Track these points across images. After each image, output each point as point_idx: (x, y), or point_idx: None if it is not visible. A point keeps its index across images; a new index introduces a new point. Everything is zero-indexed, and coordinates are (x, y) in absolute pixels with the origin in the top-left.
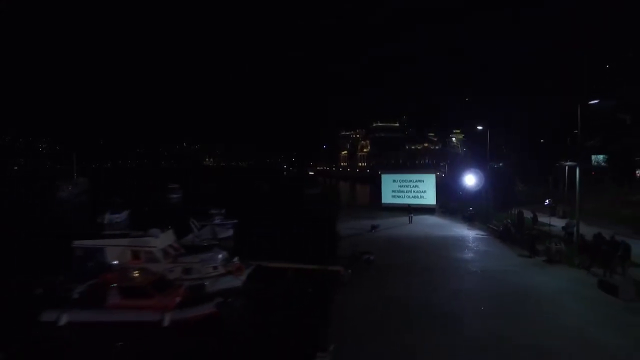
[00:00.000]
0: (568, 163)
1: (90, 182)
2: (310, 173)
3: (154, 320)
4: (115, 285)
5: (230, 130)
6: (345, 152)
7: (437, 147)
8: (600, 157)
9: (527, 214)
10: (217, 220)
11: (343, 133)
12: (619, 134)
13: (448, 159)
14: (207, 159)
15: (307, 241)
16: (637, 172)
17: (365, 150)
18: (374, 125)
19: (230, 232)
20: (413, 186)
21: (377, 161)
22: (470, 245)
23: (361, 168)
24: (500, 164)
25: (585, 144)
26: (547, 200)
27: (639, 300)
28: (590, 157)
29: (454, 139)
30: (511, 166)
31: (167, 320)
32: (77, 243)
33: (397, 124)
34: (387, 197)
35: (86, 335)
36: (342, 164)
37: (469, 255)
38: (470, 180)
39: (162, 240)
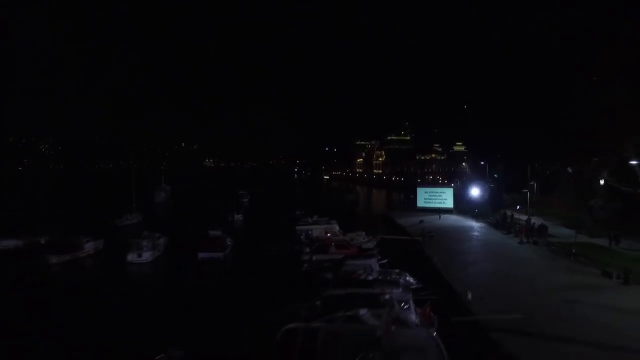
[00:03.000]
0: (525, 190)
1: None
2: (325, 177)
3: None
4: (333, 242)
5: (231, 130)
6: (361, 159)
7: (442, 157)
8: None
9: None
10: (315, 217)
11: (358, 142)
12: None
13: (458, 177)
14: (207, 160)
15: (385, 228)
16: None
17: (380, 159)
18: (388, 138)
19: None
20: (438, 195)
21: (391, 169)
22: (477, 229)
23: (377, 175)
24: (495, 176)
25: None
26: (517, 206)
27: (546, 247)
28: (567, 168)
29: (464, 164)
30: (499, 184)
31: None
32: (298, 227)
33: (409, 137)
34: (420, 202)
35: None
36: (357, 170)
37: (477, 234)
38: (475, 192)
39: (337, 225)
